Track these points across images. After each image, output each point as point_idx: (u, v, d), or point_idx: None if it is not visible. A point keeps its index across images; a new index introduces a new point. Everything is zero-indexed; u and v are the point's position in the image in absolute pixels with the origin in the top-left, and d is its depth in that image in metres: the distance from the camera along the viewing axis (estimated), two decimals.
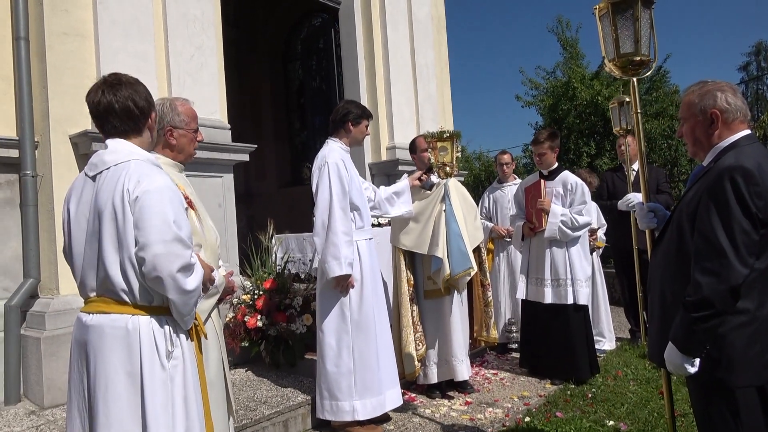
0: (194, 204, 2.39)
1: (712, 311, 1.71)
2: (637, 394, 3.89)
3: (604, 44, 2.29)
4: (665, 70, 13.36)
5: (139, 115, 1.84)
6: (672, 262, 1.90)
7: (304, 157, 8.08)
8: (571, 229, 4.21)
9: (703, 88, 1.94)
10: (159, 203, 1.68)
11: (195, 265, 1.76)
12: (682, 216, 1.88)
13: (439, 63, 7.20)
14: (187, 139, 2.41)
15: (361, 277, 3.34)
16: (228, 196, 4.43)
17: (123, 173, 1.73)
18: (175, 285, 1.68)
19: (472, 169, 15.87)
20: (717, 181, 1.76)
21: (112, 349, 1.70)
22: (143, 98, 1.84)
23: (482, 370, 4.61)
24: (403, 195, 3.79)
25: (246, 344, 4.02)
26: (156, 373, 1.71)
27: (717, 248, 1.70)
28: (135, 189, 1.69)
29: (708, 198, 1.76)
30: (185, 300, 1.73)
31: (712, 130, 1.91)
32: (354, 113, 3.47)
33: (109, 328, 1.72)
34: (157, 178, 1.73)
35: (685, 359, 1.78)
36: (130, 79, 1.87)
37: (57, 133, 3.69)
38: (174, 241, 1.67)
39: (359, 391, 3.26)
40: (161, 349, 1.73)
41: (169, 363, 1.74)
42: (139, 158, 1.79)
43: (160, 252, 1.66)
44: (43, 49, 3.68)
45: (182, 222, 1.72)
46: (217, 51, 4.52)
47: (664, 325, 1.88)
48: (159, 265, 1.65)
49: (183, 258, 1.68)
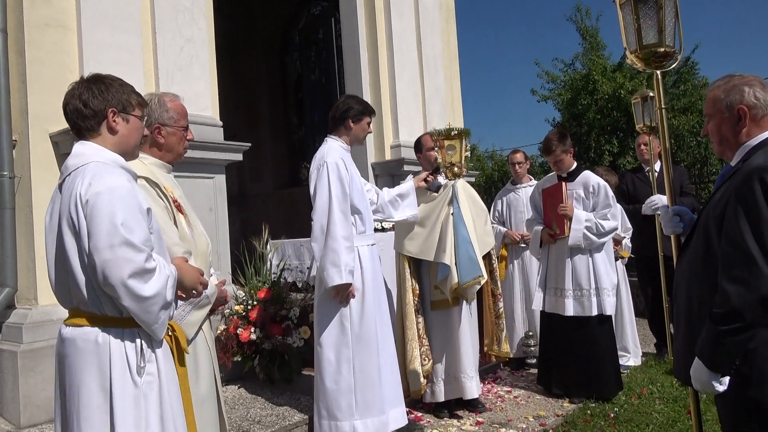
0: (183, 208, 2.40)
1: (741, 323, 1.70)
2: (663, 414, 3.87)
3: (626, 34, 2.28)
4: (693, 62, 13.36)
5: (91, 114, 1.86)
6: (699, 270, 1.90)
7: (301, 156, 8.11)
8: (597, 236, 4.19)
9: (729, 82, 1.93)
10: (107, 205, 1.70)
11: (155, 269, 1.75)
12: (709, 220, 1.87)
13: (448, 54, 7.21)
14: (177, 138, 2.42)
15: (362, 286, 3.34)
16: (220, 198, 4.45)
17: (79, 178, 1.76)
18: (128, 292, 1.69)
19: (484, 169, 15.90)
20: (745, 182, 1.75)
21: (84, 363, 1.73)
22: (100, 97, 1.86)
23: (495, 387, 4.60)
24: (408, 197, 3.79)
25: (238, 359, 4.03)
26: (128, 389, 1.72)
27: (746, 255, 1.69)
28: (86, 193, 1.71)
29: (736, 201, 1.75)
30: (144, 308, 1.72)
31: (739, 127, 1.90)
32: (355, 109, 3.47)
33: (81, 341, 1.75)
34: (108, 178, 1.75)
35: (713, 376, 1.77)
36: (99, 79, 1.91)
37: (36, 131, 3.72)
38: (122, 246, 1.68)
39: (360, 410, 3.26)
40: (132, 364, 1.74)
41: (142, 379, 1.75)
42: (101, 160, 1.81)
43: (108, 258, 1.67)
44: (23, 42, 3.71)
45: (133, 224, 1.72)
46: (208, 43, 4.54)
47: (691, 339, 1.87)
48: (108, 272, 1.67)
49: (133, 263, 1.69)
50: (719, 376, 1.77)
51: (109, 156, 1.85)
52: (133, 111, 1.94)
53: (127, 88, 1.95)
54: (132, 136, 1.95)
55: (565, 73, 13.63)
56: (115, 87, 1.91)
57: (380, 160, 6.10)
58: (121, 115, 1.90)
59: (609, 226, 4.22)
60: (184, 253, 2.24)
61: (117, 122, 1.89)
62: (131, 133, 1.94)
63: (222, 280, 2.60)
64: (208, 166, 4.36)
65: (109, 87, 1.90)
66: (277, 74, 8.62)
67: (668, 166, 2.37)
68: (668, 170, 2.37)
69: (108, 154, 1.85)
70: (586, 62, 13.12)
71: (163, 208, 2.29)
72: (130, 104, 1.93)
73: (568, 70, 13.65)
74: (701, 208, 2.00)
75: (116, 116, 1.89)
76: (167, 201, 2.32)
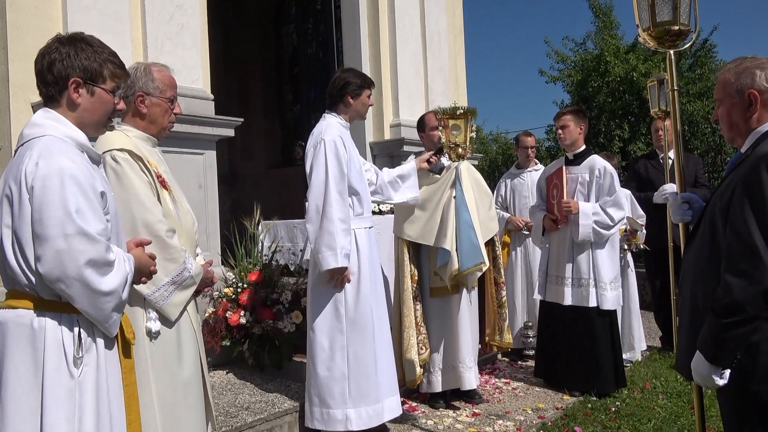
0: (168, 184, 2.41)
1: (743, 316, 1.72)
2: (666, 409, 3.93)
3: (639, 11, 2.29)
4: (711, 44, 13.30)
5: (52, 80, 1.75)
6: (704, 262, 1.91)
7: (296, 134, 8.10)
8: (606, 228, 4.20)
9: (741, 65, 1.93)
10: (59, 189, 1.63)
11: (114, 263, 1.71)
12: (716, 209, 1.88)
13: (453, 30, 7.18)
14: (161, 110, 2.40)
15: (358, 270, 3.37)
16: (210, 175, 4.45)
17: (28, 152, 1.68)
18: (83, 286, 1.64)
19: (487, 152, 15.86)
20: (752, 171, 1.76)
21: (16, 348, 1.66)
22: (66, 61, 1.75)
23: (492, 379, 4.66)
24: (409, 179, 3.79)
25: (227, 343, 4.06)
26: (62, 381, 1.66)
27: (750, 247, 1.71)
28: (32, 173, 1.63)
29: (742, 190, 1.76)
30: (98, 304, 1.68)
31: (750, 113, 1.90)
32: (353, 84, 3.47)
33: (13, 324, 1.68)
34: (59, 158, 1.66)
35: (714, 370, 1.80)
36: (73, 39, 1.80)
37: (18, 101, 3.71)
38: (78, 236, 1.62)
39: (353, 399, 3.30)
40: (69, 353, 1.68)
41: (78, 370, 1.68)
42: (57, 135, 1.72)
43: (62, 248, 1.61)
44: (3, 5, 3.68)
45: (88, 212, 1.66)
46: (200, 11, 4.51)
47: (694, 333, 1.89)
48: (62, 263, 1.62)
49: (90, 254, 1.64)
50: (720, 370, 1.80)
51: (67, 131, 1.75)
52: (103, 83, 1.80)
53: (102, 54, 1.81)
54: (96, 111, 1.82)
55: (576, 53, 13.55)
56: (86, 52, 1.78)
57: (379, 139, 6.10)
58: (87, 85, 1.78)
59: (618, 216, 4.23)
60: (168, 231, 2.26)
61: (80, 94, 1.78)
62: (95, 107, 1.81)
63: (209, 260, 2.60)
64: (198, 142, 4.36)
65: (80, 52, 1.77)
66: (271, 47, 8.57)
67: (679, 151, 2.38)
68: (678, 155, 2.38)
69: (67, 129, 1.75)
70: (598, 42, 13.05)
71: (146, 184, 2.29)
72: (101, 75, 1.79)
73: (579, 50, 13.58)
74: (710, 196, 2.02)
75: (80, 87, 1.77)
76: (151, 176, 2.32)
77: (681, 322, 2.04)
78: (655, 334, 5.74)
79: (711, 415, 3.60)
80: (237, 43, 8.71)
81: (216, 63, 5.22)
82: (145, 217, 2.23)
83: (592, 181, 4.32)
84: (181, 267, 2.29)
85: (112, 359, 1.80)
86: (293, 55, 8.22)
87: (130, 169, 2.26)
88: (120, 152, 2.26)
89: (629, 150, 11.38)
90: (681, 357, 2.03)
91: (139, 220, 2.21)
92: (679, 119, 2.40)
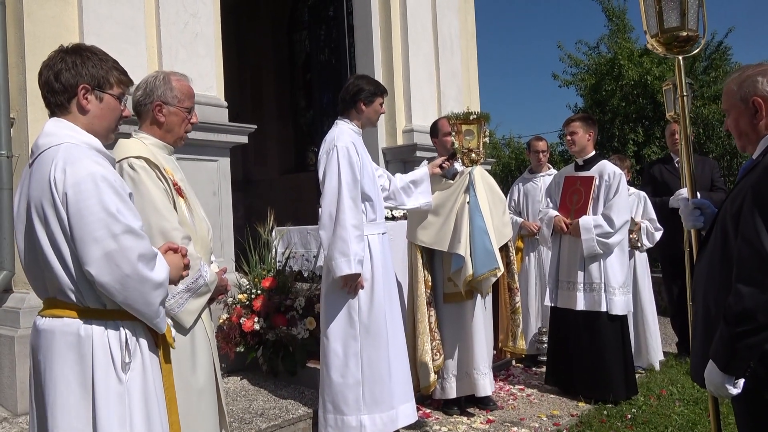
0: (184, 191, 2.43)
1: (754, 325, 1.71)
2: (683, 416, 3.89)
3: (646, 17, 2.29)
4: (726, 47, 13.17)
5: (61, 89, 1.78)
6: (716, 269, 1.90)
7: (309, 139, 8.14)
8: (609, 236, 4.19)
9: (743, 74, 1.95)
10: (95, 193, 1.65)
11: (158, 255, 1.75)
12: (726, 215, 1.88)
13: (465, 34, 7.18)
14: (178, 119, 2.43)
15: (372, 276, 3.37)
16: (223, 182, 4.49)
17: (50, 161, 1.69)
18: (138, 281, 1.67)
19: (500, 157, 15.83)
20: (762, 178, 1.77)
21: (62, 357, 1.69)
22: (73, 70, 1.79)
23: (507, 385, 4.63)
24: (422, 184, 3.80)
25: (241, 349, 4.08)
26: (111, 386, 1.70)
27: (760, 254, 1.70)
28: (62, 181, 1.66)
29: (752, 197, 1.77)
30: (150, 299, 1.71)
31: (757, 120, 1.91)
32: (366, 90, 3.48)
33: (60, 333, 1.70)
34: (86, 163, 1.68)
35: (727, 379, 1.78)
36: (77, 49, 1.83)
37: (35, 109, 3.76)
38: (126, 234, 1.66)
39: (368, 405, 3.30)
40: (117, 359, 1.72)
41: (126, 375, 1.73)
42: (74, 142, 1.74)
43: (112, 248, 1.64)
44: (21, 15, 3.74)
45: (127, 211, 1.70)
46: (214, 19, 4.56)
47: (708, 341, 1.88)
48: (116, 263, 1.64)
49: (140, 249, 1.68)
50: (733, 379, 1.79)
51: (82, 137, 1.78)
52: (110, 89, 1.84)
53: (107, 63, 1.85)
54: (105, 117, 1.85)
55: (589, 56, 13.48)
56: (92, 61, 1.81)
57: (392, 145, 6.11)
58: (95, 92, 1.81)
59: (619, 221, 4.21)
60: (184, 238, 2.28)
61: (89, 100, 1.80)
62: (104, 113, 1.84)
63: (223, 268, 2.62)
64: (212, 149, 4.40)
65: (86, 60, 1.81)
66: (284, 53, 8.63)
67: (689, 156, 2.38)
68: (689, 160, 2.38)
69: (82, 136, 1.78)
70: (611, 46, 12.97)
71: (162, 191, 2.31)
72: (108, 81, 1.83)
73: (592, 54, 13.51)
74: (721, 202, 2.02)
75: (88, 93, 1.80)
76: (167, 183, 2.34)
77: (695, 330, 2.03)
78: (671, 340, 5.67)
79: (729, 422, 3.55)
80: (250, 49, 8.78)
81: (229, 69, 5.26)
82: (161, 225, 2.25)
83: (601, 185, 4.32)
84: (196, 275, 2.31)
85: (155, 363, 1.85)
86: (306, 61, 8.26)
87: (147, 177, 2.29)
88: (137, 160, 2.29)
89: (643, 154, 11.28)
90: (695, 365, 2.01)
91: (155, 227, 2.24)
92: (694, 122, 2.40)
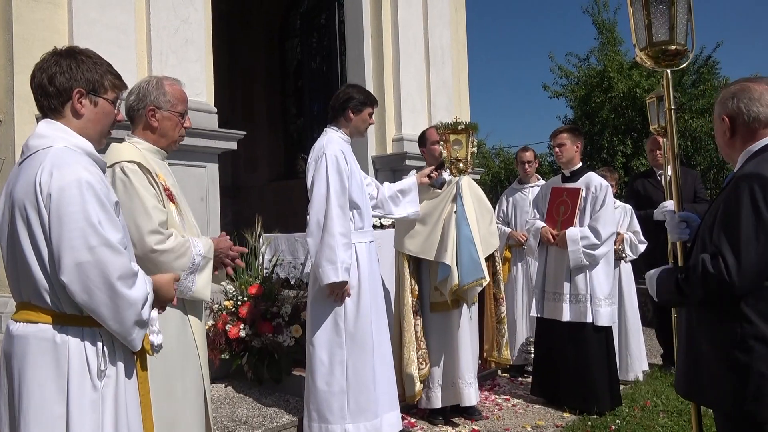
0: (175, 197, 2.44)
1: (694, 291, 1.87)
2: (666, 428, 3.91)
3: (636, 31, 2.32)
4: (714, 61, 13.38)
5: (55, 93, 1.76)
6: None
7: (299, 147, 8.14)
8: (595, 248, 4.22)
9: (726, 91, 2.05)
10: (78, 201, 1.63)
11: (138, 273, 1.72)
12: (705, 228, 1.95)
13: (456, 45, 7.23)
14: (172, 123, 2.44)
15: (358, 284, 3.37)
16: (212, 188, 4.48)
17: (39, 163, 1.67)
18: (107, 296, 1.64)
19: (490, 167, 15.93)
20: (732, 190, 1.86)
21: (37, 364, 1.66)
22: (68, 74, 1.77)
23: (492, 395, 4.63)
24: (410, 194, 3.81)
25: (226, 356, 4.06)
26: (86, 394, 1.67)
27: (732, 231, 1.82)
28: (47, 183, 1.63)
29: (723, 210, 1.86)
30: (121, 316, 1.67)
31: (731, 135, 2.01)
32: (356, 99, 3.50)
33: (34, 339, 1.67)
34: (74, 168, 1.65)
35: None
36: (71, 53, 1.81)
37: (23, 112, 3.75)
38: (103, 247, 1.63)
39: (353, 414, 3.29)
40: (93, 367, 1.69)
41: (101, 383, 1.70)
42: (65, 145, 1.72)
43: (87, 260, 1.62)
44: (10, 17, 3.74)
45: (109, 223, 1.67)
46: (205, 25, 4.57)
47: (690, 354, 1.92)
48: (85, 274, 1.62)
49: (117, 264, 1.65)
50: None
51: (75, 141, 1.75)
52: (105, 93, 1.82)
53: (101, 66, 1.83)
54: (99, 122, 1.83)
55: (579, 68, 13.65)
56: (87, 64, 1.80)
57: (381, 153, 6.13)
58: (90, 96, 1.79)
59: (605, 233, 4.23)
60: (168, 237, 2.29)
61: (83, 104, 1.78)
62: (98, 117, 1.82)
63: (222, 233, 2.65)
64: (201, 154, 4.39)
65: (81, 64, 1.79)
66: (275, 60, 8.65)
67: (676, 170, 2.40)
68: (676, 174, 2.40)
69: (75, 139, 1.76)
70: (601, 58, 13.13)
71: (153, 196, 2.32)
72: (102, 86, 1.82)
73: (582, 66, 13.67)
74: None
75: (83, 98, 1.78)
76: (158, 189, 2.35)
77: (679, 342, 2.07)
78: (656, 352, 5.71)
79: None
80: (242, 55, 8.79)
81: (220, 75, 5.27)
82: (150, 228, 2.26)
83: (588, 197, 4.35)
84: (191, 258, 2.33)
85: (130, 371, 1.82)
86: (297, 68, 8.29)
87: (138, 181, 2.30)
88: (129, 164, 2.30)
89: (632, 165, 11.41)
90: (679, 377, 2.05)
91: (144, 229, 2.25)
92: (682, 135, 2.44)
